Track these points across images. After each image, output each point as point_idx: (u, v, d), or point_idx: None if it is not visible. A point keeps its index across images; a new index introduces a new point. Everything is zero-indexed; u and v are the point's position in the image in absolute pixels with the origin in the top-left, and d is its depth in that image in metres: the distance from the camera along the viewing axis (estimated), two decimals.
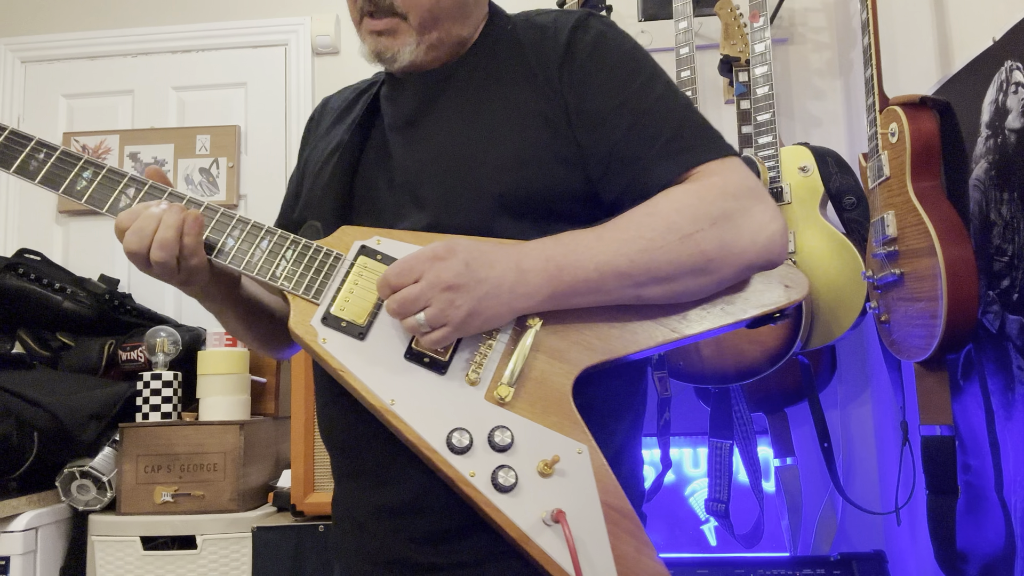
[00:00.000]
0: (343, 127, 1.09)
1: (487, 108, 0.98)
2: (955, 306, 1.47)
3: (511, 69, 0.99)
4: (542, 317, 0.88)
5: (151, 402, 2.03)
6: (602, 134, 0.94)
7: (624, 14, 2.60)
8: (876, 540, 2.22)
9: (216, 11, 2.82)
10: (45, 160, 0.94)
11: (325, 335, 0.88)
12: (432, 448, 0.84)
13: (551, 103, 0.95)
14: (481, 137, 0.96)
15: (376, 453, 0.93)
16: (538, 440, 0.85)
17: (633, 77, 0.96)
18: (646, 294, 0.88)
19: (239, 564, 1.87)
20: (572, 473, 0.84)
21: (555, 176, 0.93)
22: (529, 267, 0.85)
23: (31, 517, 1.87)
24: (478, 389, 0.87)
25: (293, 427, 1.89)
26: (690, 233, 0.86)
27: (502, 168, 0.93)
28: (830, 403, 2.29)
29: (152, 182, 0.95)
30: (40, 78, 2.82)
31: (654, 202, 0.89)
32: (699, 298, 0.91)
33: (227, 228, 0.93)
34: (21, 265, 2.26)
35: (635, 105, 0.94)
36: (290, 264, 0.92)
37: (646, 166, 0.92)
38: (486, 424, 0.85)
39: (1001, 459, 1.48)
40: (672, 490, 2.26)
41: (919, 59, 1.87)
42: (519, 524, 0.82)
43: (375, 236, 0.93)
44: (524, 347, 0.86)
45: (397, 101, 1.04)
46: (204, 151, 2.71)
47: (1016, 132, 1.39)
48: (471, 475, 0.83)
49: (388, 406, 0.85)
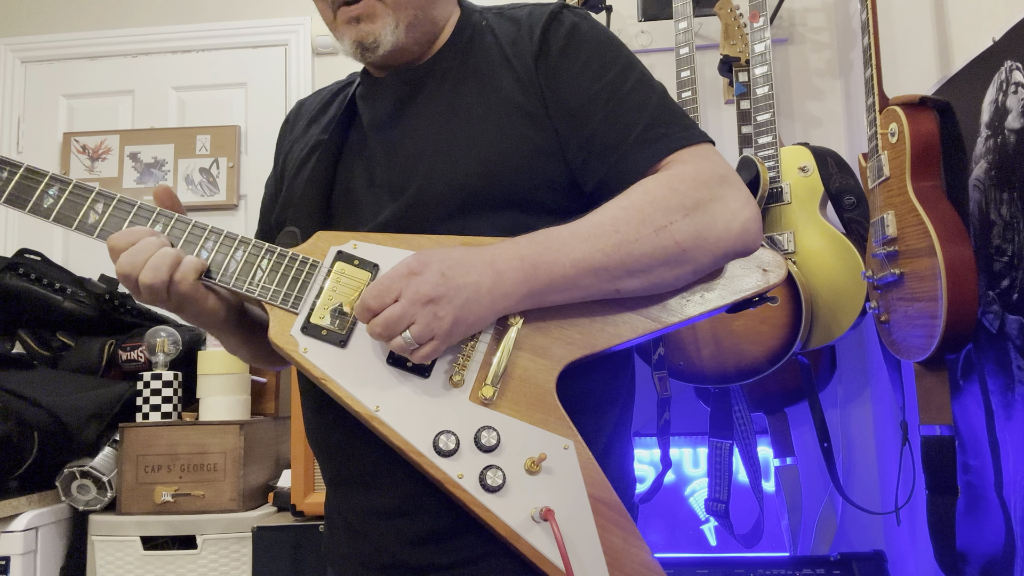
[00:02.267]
0: (318, 128, 1.09)
1: (465, 103, 0.98)
2: (955, 306, 1.47)
3: (488, 63, 1.00)
4: (523, 316, 0.88)
5: (151, 402, 2.03)
6: (579, 124, 0.94)
7: (624, 14, 2.60)
8: (876, 540, 2.22)
9: (216, 11, 2.82)
10: (8, 180, 0.92)
11: (306, 344, 0.88)
12: (419, 452, 0.84)
13: (528, 95, 0.96)
14: (460, 131, 0.96)
15: (364, 457, 0.93)
16: (524, 438, 0.86)
17: (607, 68, 0.96)
18: (624, 287, 0.88)
19: (239, 564, 1.87)
20: (559, 469, 0.85)
21: (535, 167, 0.94)
22: (504, 267, 0.85)
23: (31, 517, 1.86)
24: (462, 391, 0.87)
25: (293, 427, 1.89)
26: (664, 225, 0.87)
27: (482, 161, 0.93)
28: (830, 403, 2.30)
29: (121, 196, 0.93)
30: (40, 78, 2.82)
31: (627, 194, 0.90)
32: (677, 287, 0.92)
33: (200, 240, 0.91)
34: (21, 265, 2.26)
35: (610, 95, 0.95)
36: (266, 274, 0.90)
37: (623, 155, 0.93)
38: (472, 425, 0.85)
39: (1001, 459, 1.48)
40: (672, 490, 2.26)
41: (919, 59, 1.87)
42: (508, 523, 0.83)
43: (351, 240, 0.92)
44: (506, 346, 0.86)
45: (374, 100, 1.04)
46: (204, 151, 2.71)
47: (1016, 132, 1.39)
48: (459, 477, 0.84)
49: (373, 413, 0.85)
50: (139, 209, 0.92)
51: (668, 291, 0.92)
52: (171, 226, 0.91)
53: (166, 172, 2.72)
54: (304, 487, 1.86)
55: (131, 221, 0.92)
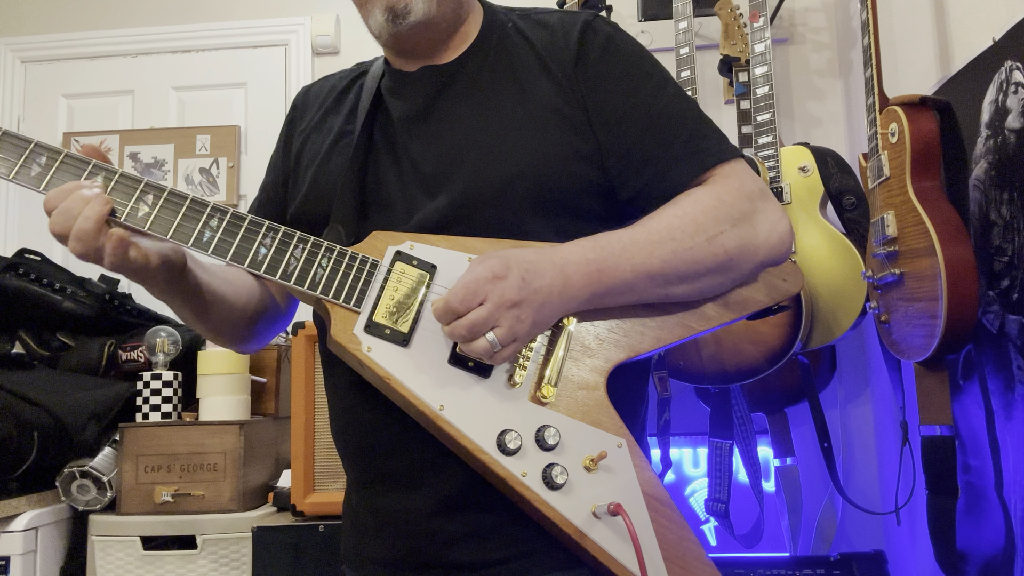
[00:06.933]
0: (339, 118, 1.08)
1: (502, 103, 0.98)
2: (955, 306, 1.47)
3: (525, 64, 1.00)
4: (575, 316, 0.91)
5: (151, 402, 2.03)
6: (618, 135, 0.96)
7: (624, 14, 2.60)
8: (876, 540, 2.22)
9: (216, 11, 2.82)
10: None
11: (369, 344, 0.88)
12: (483, 451, 0.85)
13: (568, 100, 0.97)
14: (499, 131, 0.97)
15: (403, 457, 0.93)
16: (581, 437, 0.88)
17: (645, 80, 0.99)
18: (672, 292, 0.92)
19: (239, 564, 1.87)
20: (614, 467, 0.88)
21: (577, 173, 0.96)
22: (572, 272, 0.87)
23: (31, 517, 1.86)
24: (521, 390, 0.89)
25: (293, 427, 1.89)
26: (715, 234, 0.91)
27: (526, 164, 0.94)
28: (830, 403, 2.29)
29: (68, 152, 0.91)
30: (40, 78, 2.82)
31: (680, 204, 0.93)
32: (714, 295, 0.96)
33: (257, 236, 0.91)
34: (21, 265, 2.26)
35: (649, 108, 0.97)
36: (327, 272, 0.91)
37: (665, 167, 0.96)
38: (532, 424, 0.87)
39: (1001, 459, 1.48)
40: (672, 490, 2.26)
41: (919, 59, 1.87)
42: (574, 520, 0.85)
43: (408, 241, 0.93)
44: (563, 346, 0.88)
45: (404, 94, 1.04)
46: (204, 151, 2.71)
47: (1016, 132, 1.39)
48: (523, 475, 0.85)
49: (438, 412, 0.86)
50: (121, 177, 0.91)
51: (705, 298, 0.96)
52: (225, 223, 0.90)
53: (166, 172, 2.72)
54: (304, 487, 1.86)
55: (180, 222, 0.90)
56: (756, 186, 0.96)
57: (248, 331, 1.11)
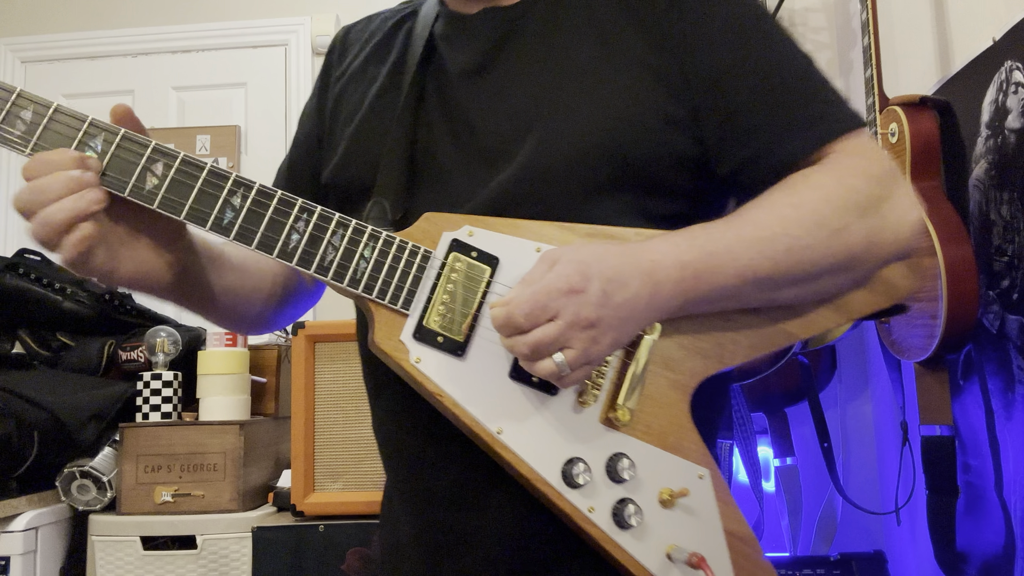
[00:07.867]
0: (384, 67, 0.93)
1: (580, 54, 0.82)
2: (955, 306, 1.47)
3: (608, 12, 0.84)
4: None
5: (151, 402, 2.03)
6: (719, 96, 0.80)
7: None
8: (876, 540, 2.22)
9: (216, 11, 2.82)
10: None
11: (419, 354, 0.75)
12: (546, 482, 0.74)
13: (662, 56, 0.81)
14: (579, 91, 0.81)
15: (450, 474, 0.82)
16: (658, 466, 0.76)
17: (751, 30, 0.82)
18: (779, 297, 0.78)
19: (239, 564, 1.87)
20: (695, 502, 0.76)
21: (666, 141, 0.80)
22: (663, 278, 0.72)
23: (31, 517, 1.86)
24: (592, 410, 0.76)
25: (293, 427, 1.89)
26: (839, 228, 0.75)
27: (609, 129, 0.79)
28: (830, 403, 2.29)
29: (59, 105, 0.74)
30: (40, 78, 2.82)
31: (796, 190, 0.77)
32: (825, 297, 0.81)
33: (288, 220, 0.75)
34: (21, 265, 2.26)
35: (756, 64, 0.81)
36: (370, 266, 0.76)
37: (772, 139, 0.79)
38: (603, 452, 0.75)
39: (1001, 459, 1.48)
40: None
41: (919, 59, 1.87)
42: (646, 564, 0.74)
43: (466, 226, 0.77)
44: (642, 362, 0.74)
45: (459, 42, 0.88)
46: (204, 151, 2.71)
47: (1016, 132, 1.39)
48: (590, 511, 0.74)
49: (496, 436, 0.74)
50: (122, 138, 0.75)
51: (814, 301, 0.81)
52: (250, 200, 0.76)
53: None
54: (304, 487, 1.86)
55: (195, 200, 0.75)
56: (885, 166, 0.79)
57: (267, 317, 0.99)
